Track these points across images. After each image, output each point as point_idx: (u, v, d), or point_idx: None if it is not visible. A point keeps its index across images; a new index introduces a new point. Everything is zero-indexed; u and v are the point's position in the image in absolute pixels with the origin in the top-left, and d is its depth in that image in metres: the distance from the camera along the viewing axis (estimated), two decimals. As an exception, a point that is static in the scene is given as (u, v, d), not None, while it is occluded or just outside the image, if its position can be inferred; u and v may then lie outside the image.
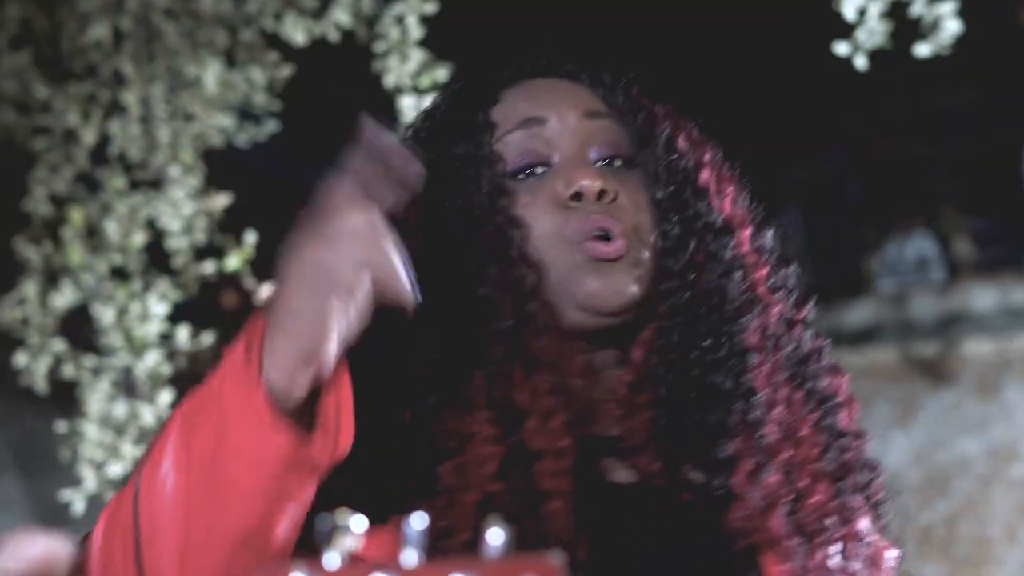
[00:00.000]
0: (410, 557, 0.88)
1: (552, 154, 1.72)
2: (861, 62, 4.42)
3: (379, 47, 5.16)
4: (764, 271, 1.74)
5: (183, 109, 5.37)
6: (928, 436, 10.98)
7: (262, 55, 5.45)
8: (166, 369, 5.14)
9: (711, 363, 1.70)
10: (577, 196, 1.67)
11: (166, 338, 5.19)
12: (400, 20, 5.12)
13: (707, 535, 1.66)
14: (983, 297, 10.95)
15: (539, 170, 1.72)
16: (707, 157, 1.77)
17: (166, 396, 5.11)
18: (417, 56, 5.12)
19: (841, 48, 4.44)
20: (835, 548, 1.68)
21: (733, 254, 1.73)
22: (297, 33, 5.31)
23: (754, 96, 11.45)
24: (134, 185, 5.31)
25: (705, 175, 1.75)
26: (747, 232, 1.75)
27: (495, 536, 0.87)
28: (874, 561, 1.71)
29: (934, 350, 11.02)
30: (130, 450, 5.07)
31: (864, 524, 1.71)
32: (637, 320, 1.71)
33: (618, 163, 1.73)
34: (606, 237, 1.67)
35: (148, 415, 5.07)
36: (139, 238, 5.22)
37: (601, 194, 1.67)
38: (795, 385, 1.72)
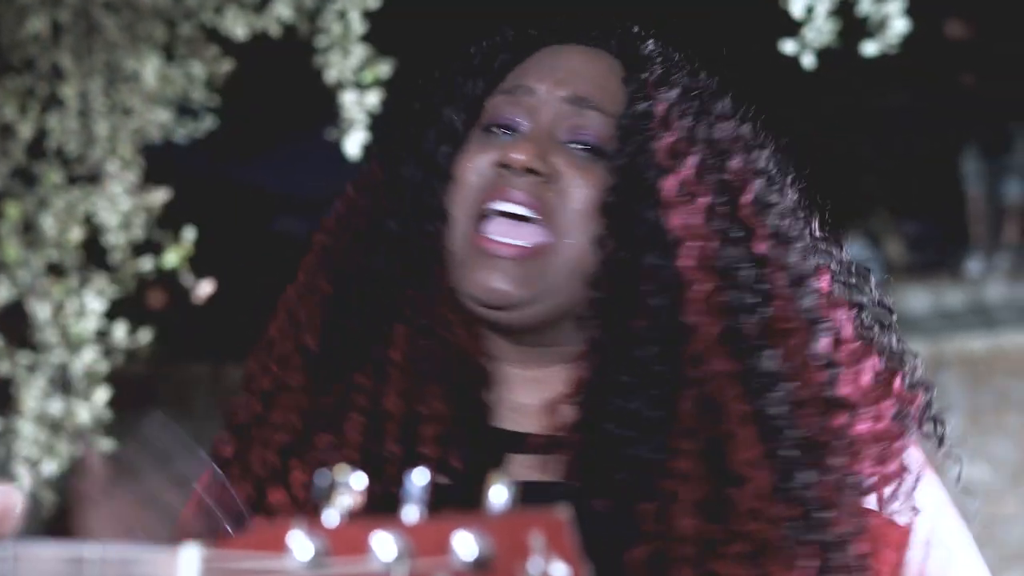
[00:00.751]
0: (410, 513, 0.85)
1: (523, 122, 1.69)
2: (808, 60, 4.43)
3: (321, 42, 5.13)
4: (707, 287, 1.60)
5: (122, 103, 5.31)
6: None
7: (202, 49, 5.41)
8: (103, 366, 5.09)
9: (634, 390, 1.59)
10: (505, 166, 1.63)
11: (103, 335, 5.13)
12: (342, 15, 5.10)
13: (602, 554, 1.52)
14: (916, 299, 11.03)
15: (506, 133, 1.69)
16: (686, 165, 1.65)
17: (102, 393, 5.06)
18: (359, 51, 5.09)
19: (788, 46, 4.45)
20: None
21: (672, 270, 1.61)
22: (237, 27, 5.27)
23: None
24: (71, 180, 5.25)
25: (669, 183, 1.64)
26: (701, 247, 1.62)
27: (499, 492, 0.85)
28: None
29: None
30: (66, 448, 5.02)
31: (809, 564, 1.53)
32: (565, 325, 1.65)
33: (586, 152, 1.66)
34: (517, 215, 1.62)
35: (84, 413, 5.02)
36: (76, 234, 5.17)
37: (528, 170, 1.62)
38: (744, 412, 1.58)
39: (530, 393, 1.66)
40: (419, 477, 0.86)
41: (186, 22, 5.38)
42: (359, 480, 0.87)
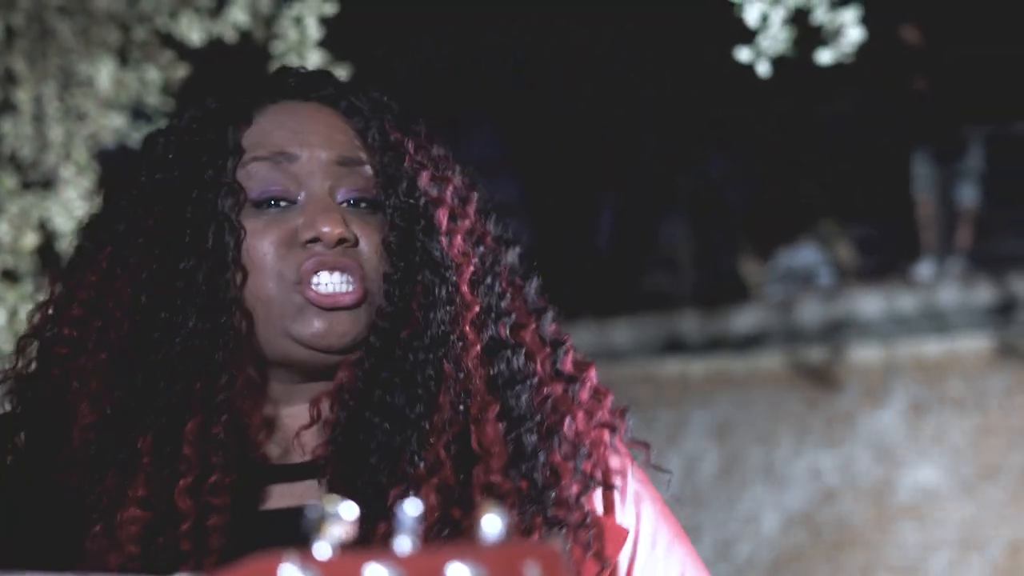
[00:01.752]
0: (404, 544, 0.85)
1: (298, 191, 1.71)
2: (763, 68, 4.44)
3: (277, 48, 5.11)
4: (475, 310, 1.72)
5: (76, 108, 5.28)
6: (818, 440, 11.09)
7: (157, 54, 5.38)
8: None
9: (391, 386, 1.70)
10: (315, 240, 1.68)
11: (58, 341, 5.09)
12: (299, 21, 5.08)
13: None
14: (869, 304, 11.09)
15: (281, 203, 1.71)
16: (447, 194, 1.76)
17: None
18: (316, 57, 5.07)
19: (743, 54, 4.46)
20: None
21: (448, 291, 1.73)
22: (193, 32, 5.24)
23: (642, 103, 11.51)
24: (26, 185, 5.21)
25: (441, 213, 1.74)
26: (467, 267, 1.74)
27: (492, 523, 0.85)
28: None
29: (821, 356, 11.14)
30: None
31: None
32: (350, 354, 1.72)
33: (363, 205, 1.73)
34: (339, 283, 1.68)
35: (39, 420, 4.98)
36: (31, 239, 5.12)
37: (340, 241, 1.68)
38: (491, 406, 1.71)
39: (304, 423, 1.72)
40: (411, 507, 0.86)
41: (140, 27, 5.35)
42: (350, 510, 0.87)
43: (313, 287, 1.67)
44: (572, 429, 1.72)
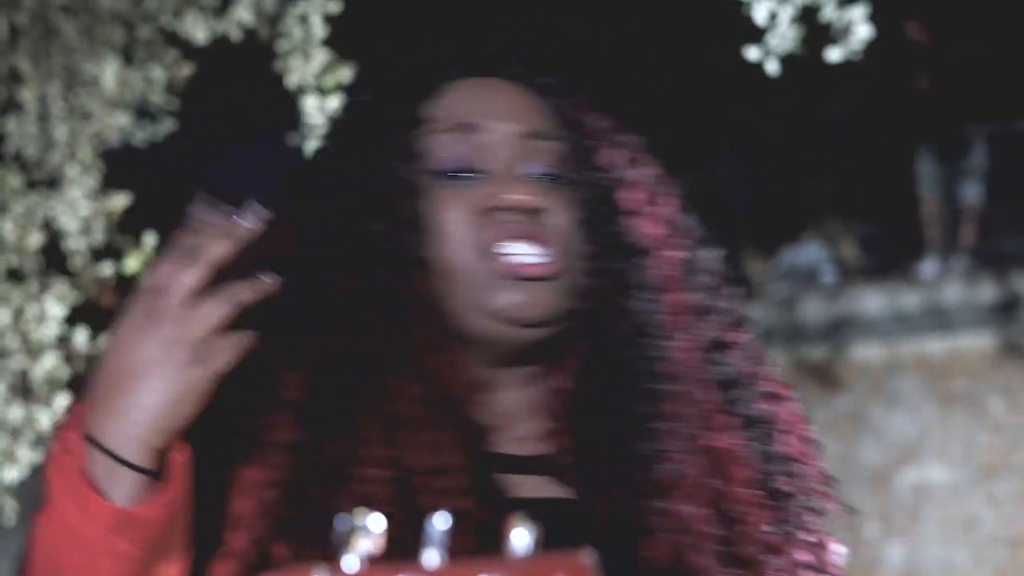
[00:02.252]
0: (432, 557, 0.84)
1: (484, 162, 1.68)
2: (772, 67, 4.44)
3: (282, 46, 5.11)
4: (684, 295, 1.70)
5: (81, 107, 5.27)
6: (821, 437, 11.06)
7: (161, 53, 5.38)
8: (63, 372, 5.05)
9: (625, 391, 1.66)
10: (504, 209, 1.64)
11: (63, 340, 5.09)
12: (303, 19, 5.08)
13: (624, 564, 1.60)
14: (872, 302, 11.07)
15: (468, 175, 1.68)
16: (635, 176, 1.74)
17: (63, 399, 5.02)
18: (320, 56, 5.08)
19: (752, 53, 4.45)
20: None
21: (646, 276, 1.69)
22: (197, 31, 5.24)
23: (647, 100, 11.50)
24: (31, 184, 5.21)
25: (627, 195, 1.72)
26: (669, 254, 1.71)
27: (521, 535, 0.84)
28: None
29: (824, 354, 11.13)
30: (26, 454, 4.98)
31: (804, 555, 1.66)
32: (556, 340, 1.68)
33: (550, 180, 1.69)
34: (532, 253, 1.63)
35: (45, 419, 4.98)
36: (36, 239, 5.12)
37: (531, 211, 1.65)
38: (721, 411, 1.68)
39: (519, 414, 1.68)
40: (440, 521, 0.85)
41: (145, 25, 5.35)
42: (378, 523, 0.86)
43: (504, 257, 1.63)
44: (789, 448, 1.71)
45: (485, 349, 1.65)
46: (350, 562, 0.85)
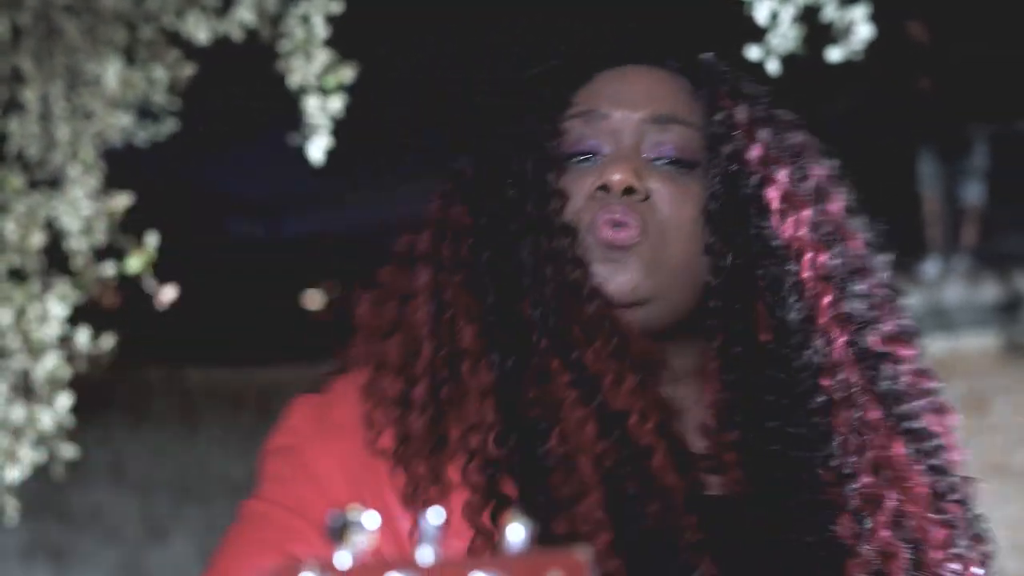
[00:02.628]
0: (426, 554, 0.84)
1: (605, 146, 1.72)
2: (773, 66, 4.43)
3: (284, 46, 5.10)
4: (829, 298, 1.66)
5: (83, 107, 5.27)
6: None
7: (163, 53, 5.37)
8: (65, 372, 5.05)
9: (780, 406, 1.64)
10: (604, 188, 1.67)
11: (65, 340, 5.09)
12: (305, 19, 5.07)
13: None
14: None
15: (590, 158, 1.72)
16: (781, 174, 1.71)
17: (65, 399, 5.01)
18: (322, 56, 5.07)
19: (753, 52, 4.45)
20: None
21: (793, 280, 1.66)
22: (199, 31, 5.24)
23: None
24: (33, 184, 5.21)
25: (771, 193, 1.69)
26: (816, 257, 1.67)
27: (516, 532, 0.84)
28: None
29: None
30: (28, 454, 4.98)
31: (977, 571, 1.69)
32: (683, 332, 1.68)
33: (675, 166, 1.70)
34: (621, 225, 1.65)
35: (46, 419, 4.98)
36: (38, 238, 5.12)
37: (628, 190, 1.66)
38: (890, 425, 1.66)
39: (685, 405, 1.69)
40: (434, 516, 0.85)
41: (147, 25, 5.34)
42: (372, 519, 0.86)
43: (597, 235, 1.66)
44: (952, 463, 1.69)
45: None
46: (342, 558, 0.85)
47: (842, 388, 1.64)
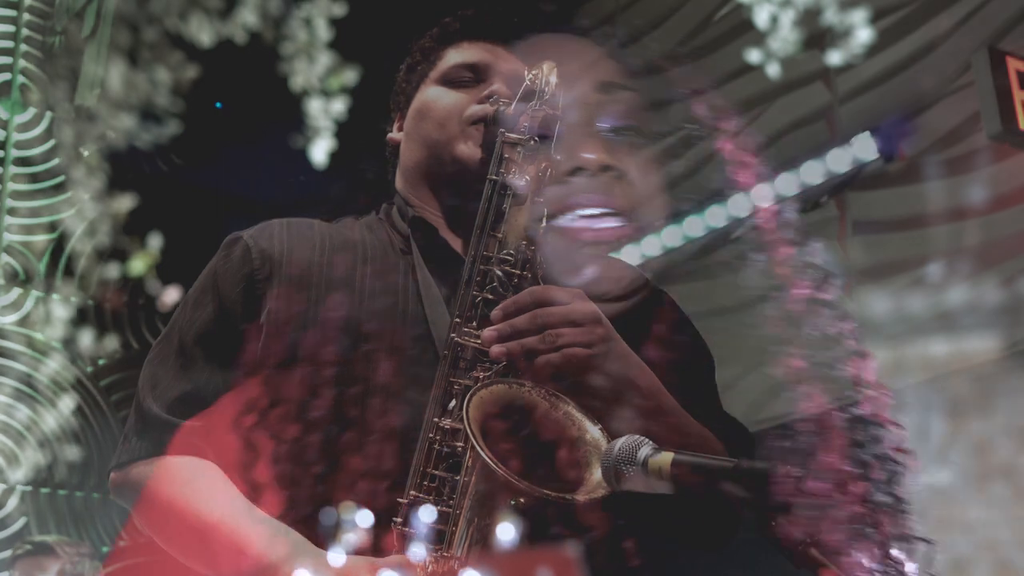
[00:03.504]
0: (419, 551, 0.85)
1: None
2: (774, 70, 4.43)
3: (286, 49, 5.11)
4: (786, 250, 1.66)
5: (86, 109, 5.29)
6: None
7: (166, 55, 5.38)
8: (69, 373, 5.06)
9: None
10: (578, 170, 1.64)
11: (69, 342, 5.10)
12: (308, 22, 5.08)
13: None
14: (877, 303, 11.05)
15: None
16: (728, 126, 1.69)
17: (68, 401, 5.02)
18: (325, 58, 5.08)
19: (754, 56, 4.45)
20: None
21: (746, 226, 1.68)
22: (202, 34, 5.24)
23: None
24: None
25: (726, 145, 1.67)
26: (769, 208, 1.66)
27: (507, 530, 0.85)
28: None
29: (829, 356, 11.10)
30: (32, 455, 4.98)
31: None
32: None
33: (629, 133, 1.68)
34: (608, 214, 1.63)
35: (50, 420, 4.98)
36: (42, 240, 5.13)
37: (604, 168, 1.64)
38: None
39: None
40: (426, 514, 0.86)
41: (150, 28, 5.35)
42: (365, 518, 0.87)
43: (586, 230, 1.68)
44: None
45: None
46: (336, 557, 0.86)
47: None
